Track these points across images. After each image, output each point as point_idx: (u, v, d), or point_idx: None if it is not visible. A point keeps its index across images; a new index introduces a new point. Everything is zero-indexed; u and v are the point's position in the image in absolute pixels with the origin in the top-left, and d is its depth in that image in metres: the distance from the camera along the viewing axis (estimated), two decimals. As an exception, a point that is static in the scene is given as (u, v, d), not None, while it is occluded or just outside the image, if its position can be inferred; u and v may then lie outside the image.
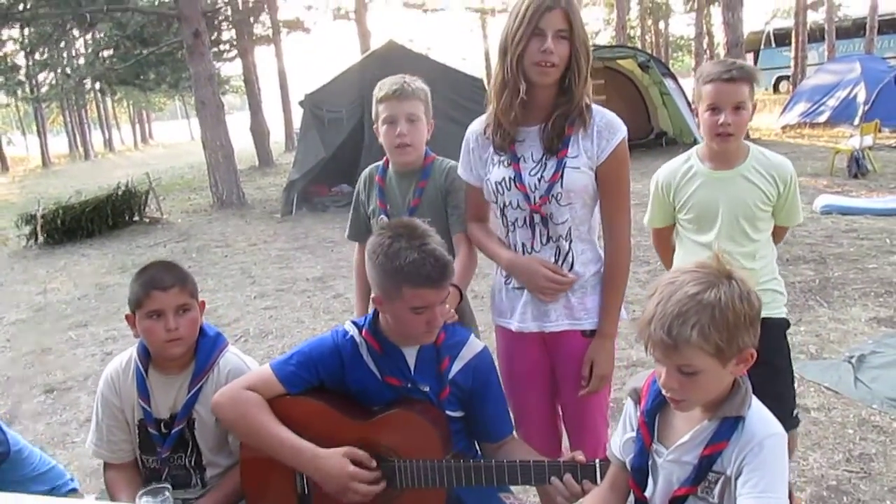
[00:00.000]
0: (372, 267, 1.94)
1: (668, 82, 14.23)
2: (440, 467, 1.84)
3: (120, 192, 12.09)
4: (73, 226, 11.33)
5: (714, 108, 2.37)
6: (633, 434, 1.58)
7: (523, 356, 2.34)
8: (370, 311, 2.08)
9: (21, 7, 12.87)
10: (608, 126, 2.16)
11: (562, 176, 2.14)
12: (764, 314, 2.37)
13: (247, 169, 19.67)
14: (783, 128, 16.44)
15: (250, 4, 21.39)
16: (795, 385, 3.75)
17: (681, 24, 39.22)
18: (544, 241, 2.23)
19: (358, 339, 2.01)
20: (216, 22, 19.72)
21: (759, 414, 1.49)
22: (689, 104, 14.59)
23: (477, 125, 2.34)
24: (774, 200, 2.45)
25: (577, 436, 2.36)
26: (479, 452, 2.15)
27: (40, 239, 11.17)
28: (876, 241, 6.67)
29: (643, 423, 1.55)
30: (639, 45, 31.87)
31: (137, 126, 56.81)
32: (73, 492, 2.50)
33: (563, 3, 2.08)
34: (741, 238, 2.46)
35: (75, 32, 21.01)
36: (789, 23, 27.43)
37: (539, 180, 2.17)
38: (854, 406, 3.66)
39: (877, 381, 3.87)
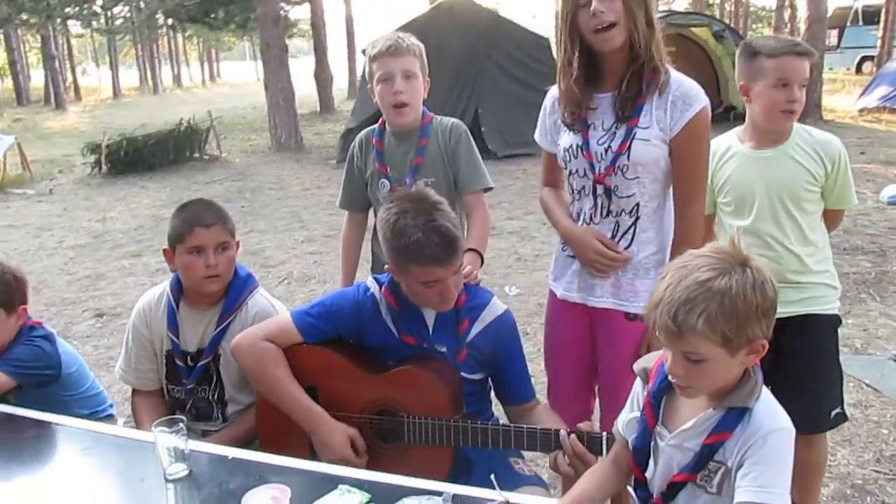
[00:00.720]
0: (382, 241, 1.94)
1: (743, 55, 13.71)
2: (448, 426, 1.86)
3: (182, 129, 12.34)
4: (136, 158, 11.64)
5: (785, 84, 2.22)
6: (638, 414, 1.55)
7: (565, 324, 2.29)
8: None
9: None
10: (685, 95, 2.02)
11: (629, 147, 2.04)
12: (813, 310, 2.36)
13: (308, 114, 19.80)
14: (860, 111, 15.70)
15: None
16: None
17: (763, -5, 37.64)
18: (604, 213, 2.13)
19: (378, 295, 2.02)
20: (287, -36, 19.73)
21: (767, 406, 1.44)
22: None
23: (555, 91, 2.22)
24: (822, 181, 2.31)
25: (610, 416, 2.31)
26: (494, 415, 2.17)
27: (104, 168, 11.51)
28: (943, 236, 6.39)
29: (648, 405, 1.52)
30: (716, 14, 30.79)
31: (206, 64, 57.65)
32: (109, 417, 2.60)
33: None
34: (787, 221, 2.33)
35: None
36: (881, 0, 26.03)
37: (606, 150, 2.08)
38: (893, 405, 3.55)
39: (921, 381, 3.75)
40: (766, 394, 1.46)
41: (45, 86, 31.99)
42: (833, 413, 2.43)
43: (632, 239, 2.11)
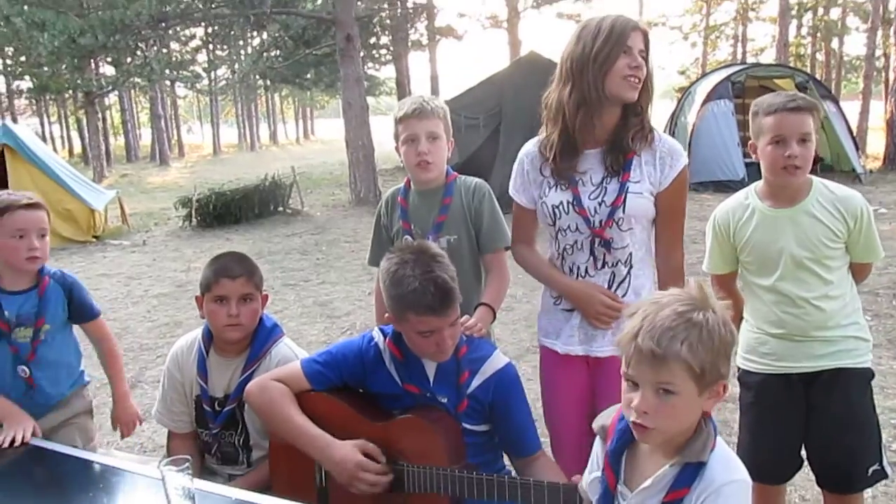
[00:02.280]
0: (382, 289, 2.04)
1: (829, 105, 13.31)
2: (446, 476, 1.90)
3: (267, 184, 12.92)
4: (224, 211, 12.25)
5: (779, 141, 2.23)
6: (599, 474, 1.55)
7: (566, 378, 2.34)
8: None
9: (198, 6, 14.05)
10: (671, 152, 2.18)
11: (625, 200, 2.15)
12: (844, 363, 2.33)
13: (391, 169, 20.33)
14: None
15: (409, 11, 22.09)
16: (885, 440, 3.52)
17: (858, 44, 36.51)
18: (600, 266, 2.23)
19: (382, 345, 2.10)
20: (372, 27, 20.58)
21: (722, 458, 1.44)
22: (849, 129, 13.65)
23: (531, 146, 2.37)
24: (845, 236, 2.27)
25: None
26: (506, 468, 2.19)
27: (194, 221, 12.15)
28: None
29: (608, 465, 1.52)
30: (807, 65, 30.03)
31: (301, 122, 60.17)
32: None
33: (643, 25, 2.16)
34: (811, 279, 2.29)
35: (251, 32, 22.73)
36: None
37: (600, 204, 2.18)
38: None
39: None
40: (720, 445, 1.46)
41: (151, 143, 34.14)
42: (871, 470, 2.34)
43: (628, 287, 2.22)
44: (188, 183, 19.93)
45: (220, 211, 12.22)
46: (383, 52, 24.20)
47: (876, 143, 16.74)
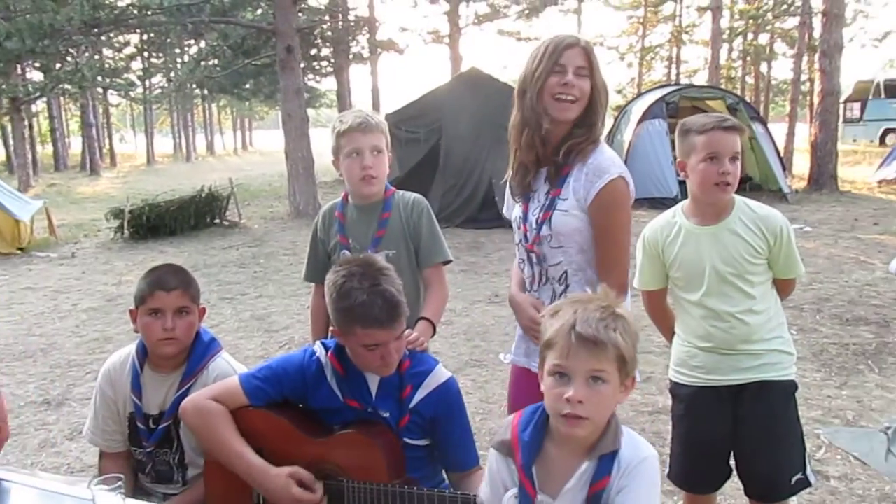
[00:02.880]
0: (328, 303, 2.02)
1: (757, 126, 13.85)
2: (385, 491, 1.89)
3: (203, 195, 12.67)
4: (158, 223, 11.94)
5: (713, 157, 2.30)
6: (516, 490, 1.59)
7: (516, 388, 2.40)
8: None
9: (134, 13, 13.72)
10: (596, 168, 2.15)
11: (550, 217, 2.17)
12: (767, 376, 2.40)
13: (331, 181, 20.20)
14: (879, 182, 15.69)
15: (350, 24, 22.07)
16: (818, 452, 3.66)
17: (785, 69, 38.11)
18: (542, 281, 2.27)
19: (324, 360, 2.08)
20: (314, 39, 20.47)
21: (630, 441, 1.57)
22: (776, 150, 14.19)
23: None
24: (766, 253, 2.36)
25: None
26: (445, 482, 2.19)
27: (126, 233, 11.81)
28: (949, 309, 6.30)
29: (524, 478, 1.56)
30: (738, 88, 31.14)
31: (239, 132, 59.31)
32: None
33: (583, 42, 2.15)
34: (736, 294, 2.37)
35: (188, 41, 22.37)
36: (903, 74, 26.25)
37: (536, 220, 2.22)
38: (879, 480, 3.48)
39: (911, 456, 3.67)
40: (625, 431, 1.58)
41: (81, 152, 33.09)
42: (794, 479, 2.42)
43: None
44: (120, 193, 19.42)
45: (154, 222, 11.90)
46: (324, 63, 24.08)
47: (801, 164, 17.44)
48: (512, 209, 2.40)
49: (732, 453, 2.50)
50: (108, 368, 2.41)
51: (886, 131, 27.09)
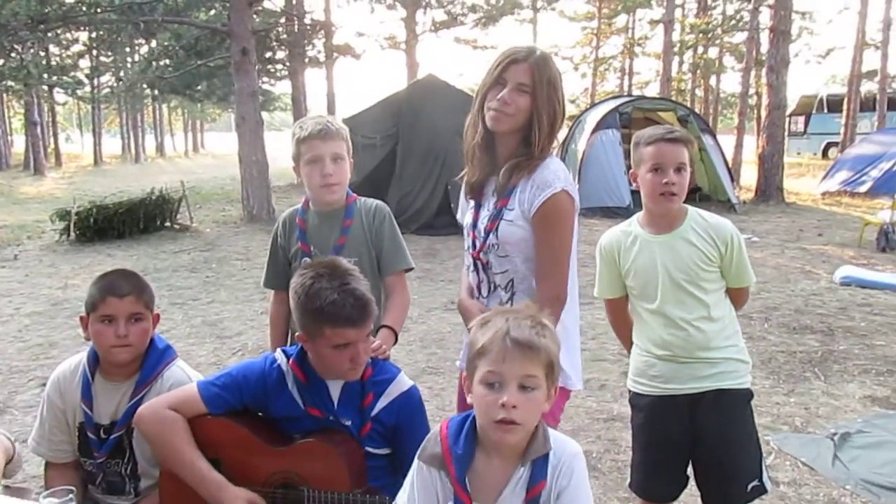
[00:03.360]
0: (294, 307, 1.99)
1: (707, 138, 14.16)
2: (348, 500, 1.87)
3: (154, 197, 12.39)
4: (105, 225, 11.62)
5: (657, 169, 2.37)
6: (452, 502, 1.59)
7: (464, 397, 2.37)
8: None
9: (83, 10, 13.39)
10: (542, 182, 2.16)
11: (497, 227, 2.20)
12: (723, 385, 2.43)
13: (285, 186, 20.01)
14: (823, 194, 16.20)
15: (306, 27, 21.91)
16: (768, 458, 3.73)
17: (733, 82, 39.09)
18: (489, 289, 2.29)
19: (285, 367, 2.05)
20: (269, 41, 20.26)
21: (557, 441, 1.61)
22: (725, 162, 14.52)
23: None
24: (717, 261, 2.42)
25: None
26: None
27: (72, 236, 11.48)
28: (889, 317, 6.51)
29: (459, 489, 1.57)
30: (688, 100, 31.81)
31: (190, 134, 58.30)
32: None
33: (532, 59, 2.15)
34: (690, 301, 2.42)
35: (139, 40, 21.92)
36: (844, 89, 27.15)
37: (484, 229, 2.24)
38: (827, 485, 3.57)
39: (856, 461, 3.77)
40: (549, 430, 1.62)
41: (25, 151, 32.11)
42: (750, 486, 2.46)
43: None
44: (66, 194, 18.89)
45: (101, 225, 11.58)
46: (279, 67, 23.84)
47: (749, 176, 17.91)
48: (465, 213, 2.40)
49: (691, 462, 2.54)
50: (58, 377, 2.33)
51: (829, 145, 28.01)
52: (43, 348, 6.16)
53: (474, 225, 2.29)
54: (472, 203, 2.34)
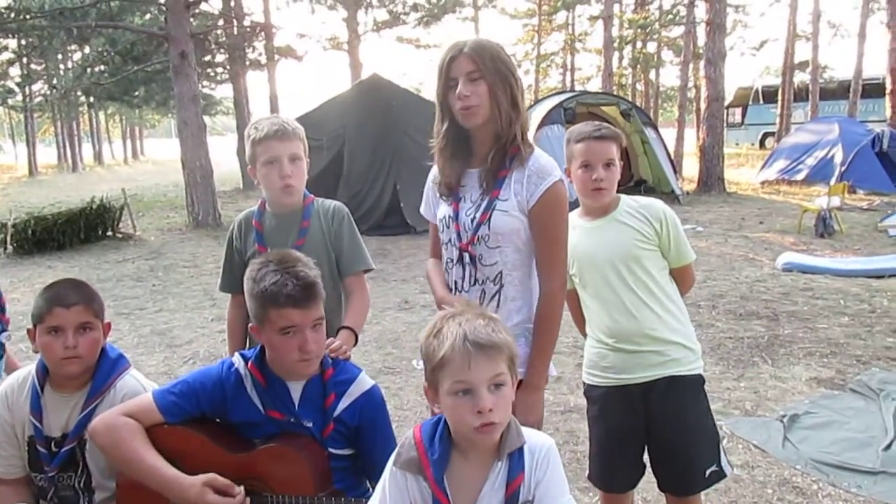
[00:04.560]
0: (247, 296, 1.98)
1: (649, 131, 14.43)
2: (311, 503, 1.84)
3: (94, 207, 12.06)
4: (45, 237, 11.27)
5: (587, 165, 2.45)
6: None
7: None
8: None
9: (11, 16, 12.94)
10: (540, 170, 2.17)
11: (490, 217, 2.18)
12: (674, 372, 2.46)
13: (231, 191, 19.72)
14: (762, 183, 16.67)
15: (246, 30, 21.60)
16: (724, 443, 3.82)
17: (672, 76, 39.95)
18: (472, 282, 2.25)
19: (243, 371, 2.02)
20: (208, 45, 19.91)
21: (529, 434, 1.62)
22: (668, 154, 14.82)
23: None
24: (655, 240, 2.47)
25: None
26: (370, 491, 2.15)
27: (9, 248, 11.11)
28: (830, 301, 6.74)
29: (438, 492, 1.56)
30: (629, 94, 32.37)
31: (129, 141, 56.91)
32: None
33: (467, 48, 2.15)
34: (631, 280, 2.45)
35: (72, 46, 21.31)
36: (778, 81, 27.97)
37: (472, 220, 2.21)
38: (778, 466, 3.67)
39: (805, 441, 3.89)
40: (519, 425, 1.63)
41: (-45, 164, 30.98)
42: (708, 472, 2.49)
43: (497, 305, 2.21)
44: (1, 206, 18.26)
45: (40, 236, 11.22)
46: (220, 70, 23.45)
47: (691, 167, 18.32)
48: (435, 207, 2.38)
49: (647, 450, 2.57)
50: (5, 390, 2.25)
51: (765, 135, 28.85)
52: (-17, 366, 5.94)
53: (456, 217, 2.25)
54: (447, 197, 2.30)
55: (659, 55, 32.73)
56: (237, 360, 2.04)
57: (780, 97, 26.28)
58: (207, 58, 21.63)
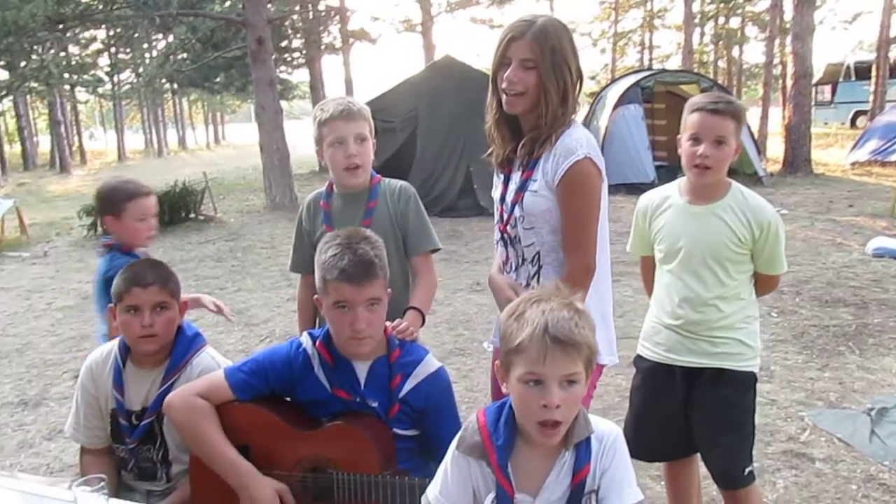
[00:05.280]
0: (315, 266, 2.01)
1: (731, 111, 13.91)
2: (376, 483, 1.86)
3: (177, 190, 12.49)
4: (131, 219, 11.72)
5: (695, 139, 2.30)
6: (493, 495, 1.55)
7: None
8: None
9: (99, 7, 13.45)
10: (565, 148, 2.13)
11: (522, 198, 2.18)
12: (727, 365, 2.40)
13: (307, 174, 20.07)
14: (852, 164, 15.87)
15: (321, 14, 21.86)
16: (802, 434, 3.69)
17: (756, 52, 38.43)
18: (517, 262, 2.26)
19: (311, 350, 2.04)
20: (284, 30, 20.25)
21: (596, 422, 1.58)
22: (751, 134, 14.28)
23: None
24: (749, 244, 2.34)
25: None
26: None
27: (99, 231, 11.60)
28: (925, 288, 6.38)
29: (502, 478, 1.53)
30: (710, 72, 31.32)
31: (211, 127, 58.66)
32: None
33: (530, 33, 2.09)
34: (710, 278, 2.36)
35: (156, 35, 22.07)
36: (872, 56, 26.53)
37: (511, 202, 2.22)
38: (864, 461, 3.50)
39: (894, 436, 3.70)
40: (586, 412, 1.58)
41: (51, 150, 32.53)
42: (746, 471, 2.44)
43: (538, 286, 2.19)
44: (91, 191, 19.07)
45: (127, 219, 11.70)
46: (296, 55, 23.82)
47: (776, 148, 17.61)
48: (497, 189, 2.38)
49: (694, 438, 2.52)
50: (91, 364, 2.35)
51: (857, 114, 27.43)
52: (75, 341, 6.25)
53: (502, 199, 2.27)
54: (501, 177, 2.32)
55: (742, 30, 31.51)
56: (305, 339, 2.07)
57: (874, 73, 24.92)
58: (284, 43, 22.00)
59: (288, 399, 2.07)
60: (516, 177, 2.23)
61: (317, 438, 1.93)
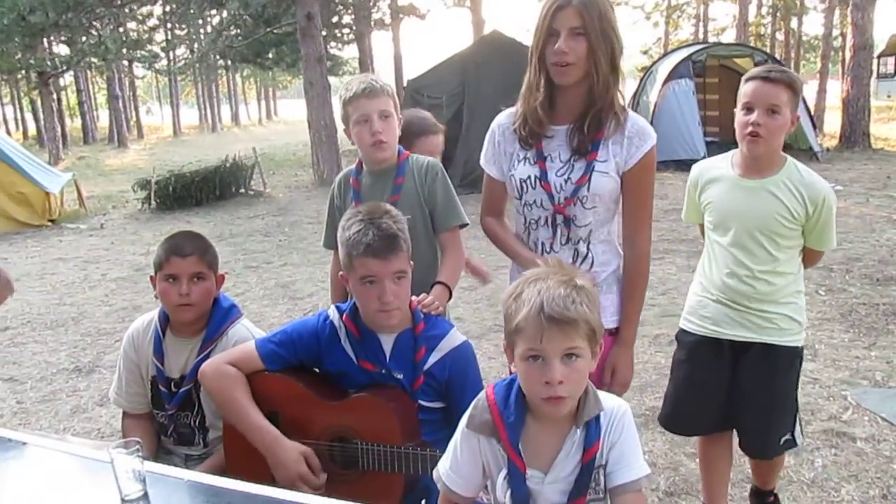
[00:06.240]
0: (338, 244, 2.05)
1: (787, 84, 13.50)
2: (399, 454, 1.90)
3: (228, 165, 12.74)
4: (184, 193, 12.05)
5: (748, 108, 2.27)
6: (504, 471, 1.56)
7: None
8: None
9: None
10: (639, 133, 2.15)
11: (589, 179, 2.15)
12: (774, 340, 2.40)
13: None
14: (915, 139, 15.32)
15: (371, -11, 21.86)
16: (844, 413, 3.63)
17: (816, 24, 37.07)
18: (564, 241, 2.24)
19: (338, 322, 2.09)
20: (334, 6, 20.30)
21: (604, 398, 1.58)
22: (807, 108, 13.86)
23: (504, 118, 2.34)
24: (802, 220, 2.32)
25: None
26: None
27: (153, 204, 11.94)
28: (984, 267, 6.16)
29: (514, 455, 1.54)
30: (767, 45, 30.37)
31: (263, 102, 59.40)
32: None
33: (577, 1, 2.06)
34: (760, 252, 2.35)
35: (210, 11, 22.35)
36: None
37: (566, 181, 2.18)
38: (908, 441, 3.44)
39: (940, 418, 3.61)
40: (595, 389, 1.58)
41: (109, 125, 33.40)
42: (783, 440, 2.47)
43: (592, 263, 2.22)
44: (147, 165, 19.56)
45: (180, 193, 12.02)
46: (346, 31, 23.92)
47: (832, 122, 17.06)
48: (506, 164, 2.31)
49: (731, 409, 2.52)
50: (132, 333, 2.45)
51: (923, 87, 26.39)
52: (127, 311, 6.47)
53: (544, 177, 2.20)
54: (530, 156, 2.24)
55: (801, 1, 30.41)
56: (332, 312, 2.12)
57: (941, 44, 23.90)
58: (334, 19, 22.08)
59: (316, 370, 2.13)
60: (562, 154, 2.18)
61: (342, 409, 1.99)
